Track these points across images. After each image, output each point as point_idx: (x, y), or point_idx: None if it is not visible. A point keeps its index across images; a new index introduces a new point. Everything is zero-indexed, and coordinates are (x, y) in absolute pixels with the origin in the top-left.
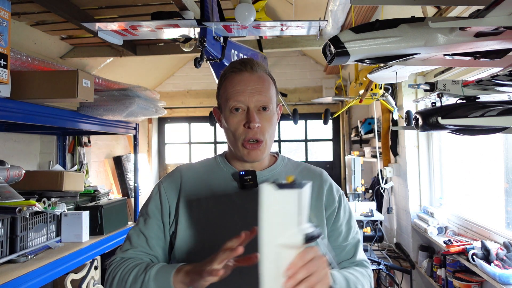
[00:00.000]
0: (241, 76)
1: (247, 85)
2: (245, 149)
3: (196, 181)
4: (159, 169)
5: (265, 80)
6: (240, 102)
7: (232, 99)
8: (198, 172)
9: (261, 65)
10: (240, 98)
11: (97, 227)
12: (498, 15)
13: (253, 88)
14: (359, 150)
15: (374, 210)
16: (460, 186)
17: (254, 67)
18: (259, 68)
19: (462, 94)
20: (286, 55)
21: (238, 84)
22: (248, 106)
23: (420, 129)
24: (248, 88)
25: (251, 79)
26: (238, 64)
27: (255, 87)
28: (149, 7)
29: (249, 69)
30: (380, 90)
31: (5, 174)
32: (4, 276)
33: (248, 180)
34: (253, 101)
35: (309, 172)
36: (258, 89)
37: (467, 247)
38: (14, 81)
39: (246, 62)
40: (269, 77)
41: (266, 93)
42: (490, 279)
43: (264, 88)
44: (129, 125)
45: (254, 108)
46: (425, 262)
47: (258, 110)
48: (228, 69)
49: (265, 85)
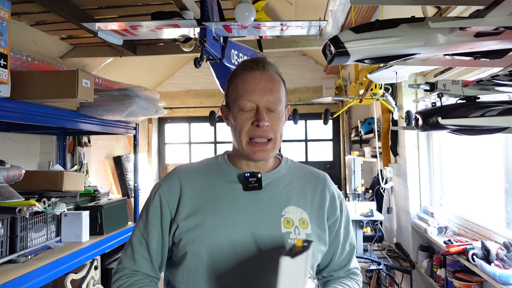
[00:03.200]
0: (252, 74)
1: (258, 83)
2: (251, 148)
3: (197, 183)
4: (159, 169)
5: (276, 80)
6: (251, 100)
7: (242, 97)
8: (198, 173)
9: (272, 65)
10: (250, 96)
11: (97, 227)
12: (498, 15)
13: (264, 87)
14: (359, 150)
15: (374, 210)
16: (460, 186)
17: (266, 66)
18: (270, 67)
19: (462, 94)
20: (286, 55)
21: (249, 82)
22: (257, 105)
23: (420, 129)
24: (259, 87)
25: (262, 78)
26: (250, 62)
27: (266, 86)
28: (149, 7)
29: (261, 68)
30: (380, 90)
31: (5, 174)
32: (4, 276)
33: (253, 182)
34: (263, 100)
35: (313, 176)
36: (269, 88)
37: (467, 247)
38: (14, 81)
39: (258, 61)
40: (279, 78)
41: (276, 93)
42: (490, 279)
43: (275, 88)
44: (129, 125)
45: (264, 107)
46: (425, 262)
47: (268, 110)
48: (239, 67)
49: (276, 85)
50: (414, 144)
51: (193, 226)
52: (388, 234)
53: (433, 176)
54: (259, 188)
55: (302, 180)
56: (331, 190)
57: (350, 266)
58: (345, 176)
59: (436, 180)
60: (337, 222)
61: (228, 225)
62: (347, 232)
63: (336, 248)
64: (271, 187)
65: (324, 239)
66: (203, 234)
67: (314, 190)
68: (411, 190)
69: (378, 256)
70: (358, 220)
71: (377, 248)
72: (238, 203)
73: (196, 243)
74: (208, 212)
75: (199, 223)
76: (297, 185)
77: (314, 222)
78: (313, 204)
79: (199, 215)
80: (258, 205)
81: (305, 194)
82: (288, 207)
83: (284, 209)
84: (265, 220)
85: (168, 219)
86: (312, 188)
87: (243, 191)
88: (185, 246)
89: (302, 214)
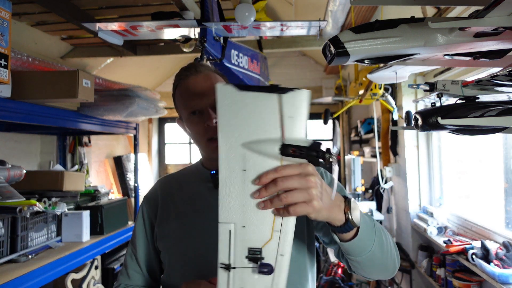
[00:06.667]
0: (187, 81)
1: (195, 88)
2: (209, 148)
3: (173, 189)
4: (159, 169)
5: (211, 78)
6: (193, 106)
7: (186, 105)
8: (176, 180)
9: (205, 65)
10: (192, 102)
11: (97, 227)
12: (498, 15)
13: (201, 89)
14: (359, 150)
15: (374, 210)
16: (460, 186)
17: (198, 68)
18: (203, 68)
19: (462, 94)
20: (286, 55)
21: (187, 89)
22: (202, 108)
23: (419, 129)
24: (197, 91)
25: (197, 80)
26: (183, 70)
27: (203, 87)
28: (149, 7)
29: (193, 72)
30: (380, 90)
31: (6, 174)
32: (5, 275)
33: None
34: (204, 101)
35: None
36: (206, 87)
37: (466, 246)
38: (14, 81)
39: (189, 67)
40: (216, 74)
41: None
42: (490, 278)
43: (212, 85)
44: (129, 125)
45: (209, 106)
46: (425, 261)
47: (213, 108)
48: (176, 80)
49: (212, 82)
50: (413, 144)
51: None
52: None
53: (433, 176)
54: None
55: None
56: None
57: None
58: (345, 176)
59: (436, 180)
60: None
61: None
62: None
63: None
64: None
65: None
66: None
67: None
68: (410, 190)
69: None
70: None
71: None
72: (208, 200)
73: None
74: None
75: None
76: None
77: None
78: None
79: (172, 219)
80: None
81: None
82: None
83: None
84: None
85: (150, 228)
86: None
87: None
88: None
89: None
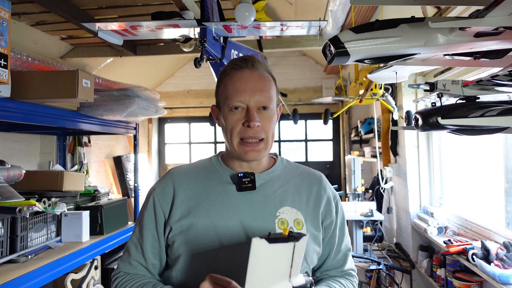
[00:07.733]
0: (241, 73)
1: (247, 83)
2: (243, 148)
3: (191, 185)
4: (159, 169)
5: (266, 78)
6: (240, 101)
7: (232, 97)
8: (192, 175)
9: (262, 63)
10: (240, 96)
11: (97, 227)
12: (498, 15)
13: (253, 87)
14: (359, 150)
15: (374, 210)
16: (460, 186)
17: (255, 64)
18: (260, 66)
19: (462, 94)
20: (286, 55)
21: (238, 81)
22: (248, 105)
23: (420, 129)
24: (249, 87)
25: (251, 77)
26: (239, 61)
27: (256, 86)
28: (149, 7)
29: (250, 67)
30: (380, 90)
31: (5, 174)
32: (5, 276)
33: (246, 182)
34: (253, 100)
35: (308, 176)
36: (258, 87)
37: (467, 247)
38: (14, 81)
39: (247, 59)
40: (270, 76)
41: (266, 92)
42: (490, 279)
43: (265, 87)
44: (129, 125)
45: (254, 107)
46: (425, 262)
47: (258, 109)
48: (228, 66)
49: (266, 83)
50: (414, 144)
51: (186, 228)
52: (388, 234)
53: (433, 176)
54: (253, 188)
55: (298, 180)
56: (327, 191)
57: (345, 268)
58: (345, 176)
59: (436, 180)
60: (332, 223)
61: (222, 226)
62: (342, 233)
63: (331, 248)
64: (266, 188)
65: (319, 240)
66: (196, 236)
67: (309, 191)
68: (411, 190)
69: (378, 256)
70: (358, 220)
71: (377, 248)
72: (231, 204)
73: (189, 245)
74: (201, 213)
75: (192, 225)
76: (292, 185)
77: (309, 222)
78: (309, 205)
79: (192, 216)
80: (252, 205)
81: (301, 194)
82: (282, 208)
83: (278, 209)
84: (259, 221)
85: (162, 222)
86: (308, 188)
87: (236, 191)
88: (178, 248)
89: (297, 215)
